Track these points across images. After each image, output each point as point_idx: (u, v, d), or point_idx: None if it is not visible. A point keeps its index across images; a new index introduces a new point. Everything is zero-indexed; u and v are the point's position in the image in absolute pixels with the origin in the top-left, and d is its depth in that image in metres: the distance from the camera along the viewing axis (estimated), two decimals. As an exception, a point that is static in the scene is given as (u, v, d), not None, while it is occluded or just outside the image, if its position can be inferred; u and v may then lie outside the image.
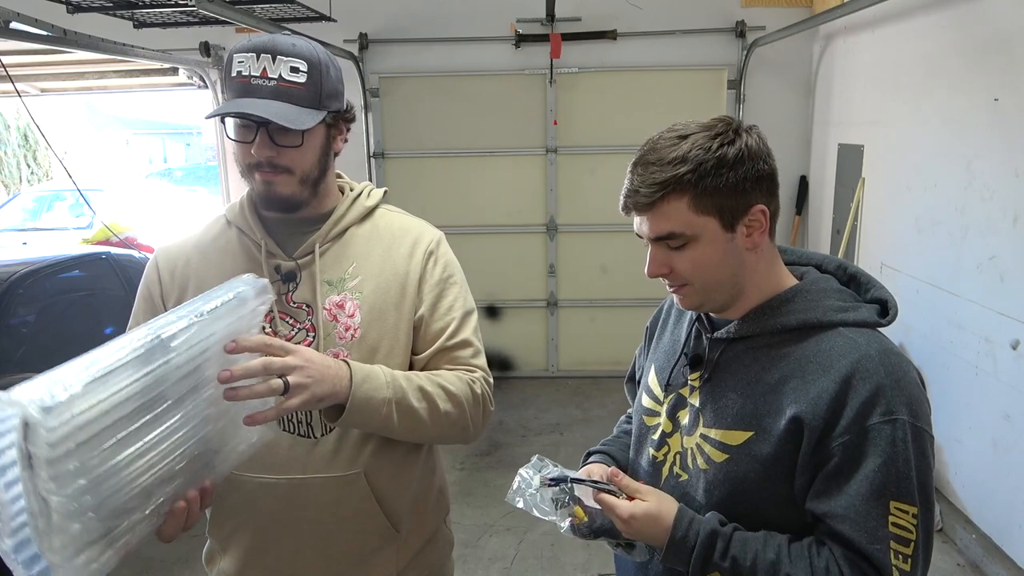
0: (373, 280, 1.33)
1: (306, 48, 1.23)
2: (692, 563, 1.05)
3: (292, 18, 4.44)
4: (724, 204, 1.04)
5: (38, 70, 5.66)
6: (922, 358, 3.76)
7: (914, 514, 0.98)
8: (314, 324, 1.30)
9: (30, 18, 3.21)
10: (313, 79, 1.22)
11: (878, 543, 0.97)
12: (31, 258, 3.77)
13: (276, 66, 1.20)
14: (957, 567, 3.17)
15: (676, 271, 1.08)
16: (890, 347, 1.05)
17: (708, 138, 1.04)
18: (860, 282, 1.17)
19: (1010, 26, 2.98)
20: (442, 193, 5.47)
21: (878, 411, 0.99)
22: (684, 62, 5.15)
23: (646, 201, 1.04)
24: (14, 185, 12.81)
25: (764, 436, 1.05)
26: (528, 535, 3.42)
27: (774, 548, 1.03)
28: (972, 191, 3.27)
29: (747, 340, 1.11)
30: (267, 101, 1.19)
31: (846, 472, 0.99)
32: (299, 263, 1.32)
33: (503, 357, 5.68)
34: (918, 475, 0.99)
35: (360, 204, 1.39)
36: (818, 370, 1.03)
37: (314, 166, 1.28)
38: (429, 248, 1.40)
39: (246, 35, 4.91)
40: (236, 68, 1.21)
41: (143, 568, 3.25)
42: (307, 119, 1.21)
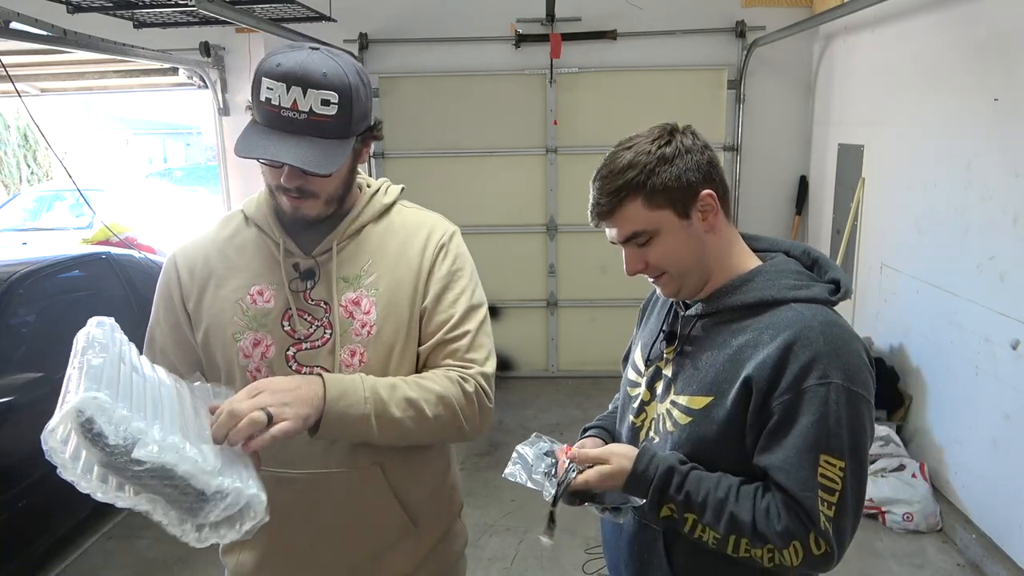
0: (388, 276, 1.34)
1: (337, 76, 1.20)
2: (650, 494, 1.18)
3: (292, 18, 4.44)
4: (673, 196, 1.18)
5: (38, 70, 5.66)
6: (922, 358, 3.77)
7: (841, 467, 1.09)
8: (331, 321, 1.31)
9: (30, 18, 3.22)
10: (344, 109, 1.20)
11: (808, 491, 1.09)
12: (31, 258, 3.76)
13: (307, 99, 1.17)
14: (957, 567, 3.17)
15: (651, 264, 1.23)
16: (834, 320, 1.17)
17: (648, 143, 1.19)
18: (821, 265, 1.29)
19: (1009, 26, 2.98)
20: (442, 193, 5.46)
21: (814, 375, 1.10)
22: (684, 62, 5.15)
23: (607, 209, 1.20)
24: (14, 185, 12.81)
25: (721, 400, 1.18)
26: (528, 535, 3.42)
27: (724, 488, 1.15)
28: (972, 191, 3.27)
29: (713, 316, 1.24)
30: (297, 140, 1.18)
31: (784, 428, 1.12)
32: (318, 260, 1.33)
33: (503, 357, 5.67)
34: (849, 434, 1.10)
35: (377, 202, 1.40)
36: (767, 339, 1.15)
37: (340, 187, 1.30)
38: (441, 242, 1.40)
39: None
40: (265, 94, 1.18)
41: (143, 568, 3.26)
42: (337, 155, 1.21)
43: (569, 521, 3.49)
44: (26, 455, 3.01)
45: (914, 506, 3.39)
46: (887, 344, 4.07)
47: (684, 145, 1.18)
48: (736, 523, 1.13)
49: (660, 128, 1.21)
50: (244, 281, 1.33)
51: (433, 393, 1.27)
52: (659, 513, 1.19)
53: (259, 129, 1.20)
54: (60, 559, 3.30)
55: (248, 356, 1.31)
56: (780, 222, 5.30)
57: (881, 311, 4.20)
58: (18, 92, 3.79)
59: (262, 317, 1.31)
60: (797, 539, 1.10)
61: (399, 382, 1.27)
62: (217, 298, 1.33)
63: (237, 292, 1.33)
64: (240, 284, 1.33)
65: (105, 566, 3.30)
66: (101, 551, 3.41)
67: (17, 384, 3.01)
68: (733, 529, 1.13)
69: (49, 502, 3.16)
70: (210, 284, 1.34)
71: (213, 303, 1.33)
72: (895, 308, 4.02)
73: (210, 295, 1.34)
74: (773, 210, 5.25)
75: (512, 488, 3.75)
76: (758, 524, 1.11)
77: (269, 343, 1.31)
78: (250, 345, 1.31)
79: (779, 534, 1.10)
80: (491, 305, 1.48)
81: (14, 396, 2.97)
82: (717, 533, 1.14)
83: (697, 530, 1.16)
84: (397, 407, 1.24)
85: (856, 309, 4.53)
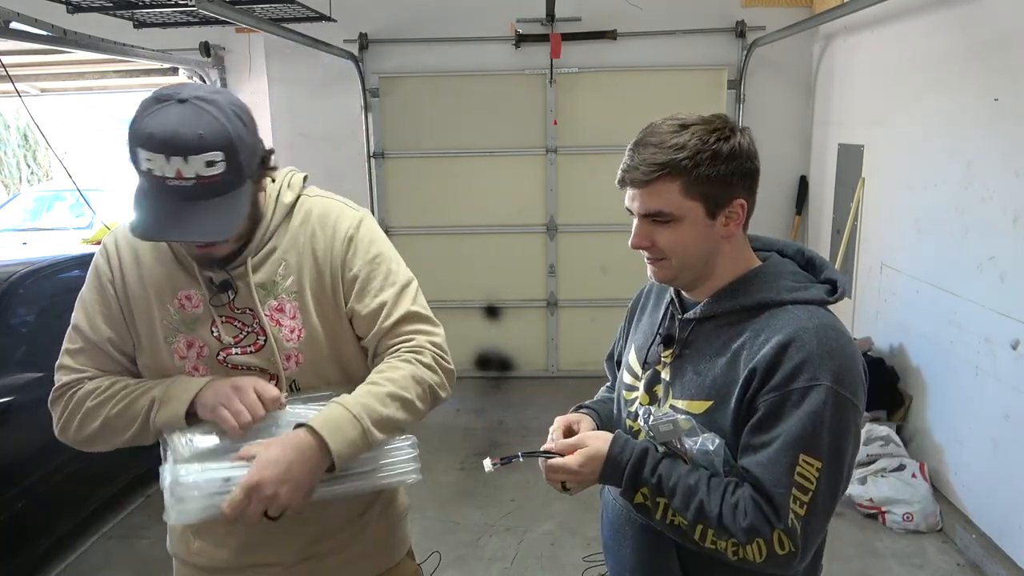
0: (306, 277, 1.34)
1: (215, 132, 1.12)
2: (624, 476, 1.19)
3: (292, 18, 4.44)
4: (711, 193, 1.16)
5: (38, 70, 5.67)
6: (922, 358, 3.76)
7: (818, 468, 1.09)
8: (262, 327, 1.31)
9: (30, 18, 3.21)
10: (231, 163, 1.14)
11: (781, 487, 1.10)
12: (31, 258, 3.76)
13: (190, 165, 1.11)
14: (957, 567, 3.17)
15: (657, 246, 1.20)
16: (830, 323, 1.17)
17: (707, 131, 1.15)
18: (815, 265, 1.29)
19: (1010, 26, 2.98)
20: (442, 193, 5.47)
21: (804, 376, 1.10)
22: (684, 62, 5.15)
23: (643, 178, 1.16)
24: (14, 185, 12.81)
25: (723, 405, 1.17)
26: (528, 535, 3.41)
27: (695, 476, 1.16)
28: (972, 191, 3.26)
29: (712, 319, 1.24)
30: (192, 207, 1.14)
31: (766, 426, 1.12)
32: (231, 274, 1.31)
33: (503, 357, 5.68)
34: (831, 435, 1.10)
35: (282, 203, 1.35)
36: (763, 341, 1.15)
37: (246, 224, 1.27)
38: (348, 234, 1.36)
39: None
40: (145, 165, 1.12)
41: (143, 568, 3.26)
42: (237, 209, 1.18)
43: (569, 520, 3.50)
44: (26, 455, 3.01)
45: (914, 506, 3.39)
46: (887, 344, 4.07)
47: (741, 147, 1.16)
48: (703, 513, 1.13)
49: (722, 120, 1.18)
50: (172, 284, 1.32)
51: (404, 379, 1.30)
52: (633, 498, 1.19)
53: (151, 203, 1.15)
54: (60, 559, 3.30)
55: (184, 357, 1.32)
56: (780, 222, 5.30)
57: (881, 311, 4.20)
58: (18, 92, 3.79)
59: (192, 322, 1.32)
60: (761, 537, 1.10)
61: (369, 386, 1.29)
62: (146, 298, 1.32)
63: (164, 295, 1.32)
64: (168, 287, 1.32)
65: (105, 566, 3.30)
66: (101, 551, 3.41)
67: (17, 384, 3.02)
68: (700, 518, 1.13)
69: (49, 502, 3.16)
70: (143, 281, 1.33)
71: (145, 306, 1.32)
72: (895, 308, 4.02)
73: (142, 293, 1.33)
74: (773, 210, 5.25)
75: (512, 488, 3.77)
76: (724, 518, 1.12)
77: (202, 344, 1.32)
78: (184, 347, 1.32)
79: (743, 530, 1.10)
80: (491, 305, 1.49)
81: (14, 396, 2.97)
82: (684, 520, 1.15)
83: (668, 515, 1.16)
84: (385, 405, 1.26)
85: (856, 309, 4.53)
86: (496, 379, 5.61)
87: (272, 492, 1.14)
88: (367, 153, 5.38)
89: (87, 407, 1.29)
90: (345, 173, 5.33)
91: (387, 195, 5.50)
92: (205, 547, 1.41)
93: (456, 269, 5.54)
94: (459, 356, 5.63)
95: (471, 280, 5.55)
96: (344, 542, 1.44)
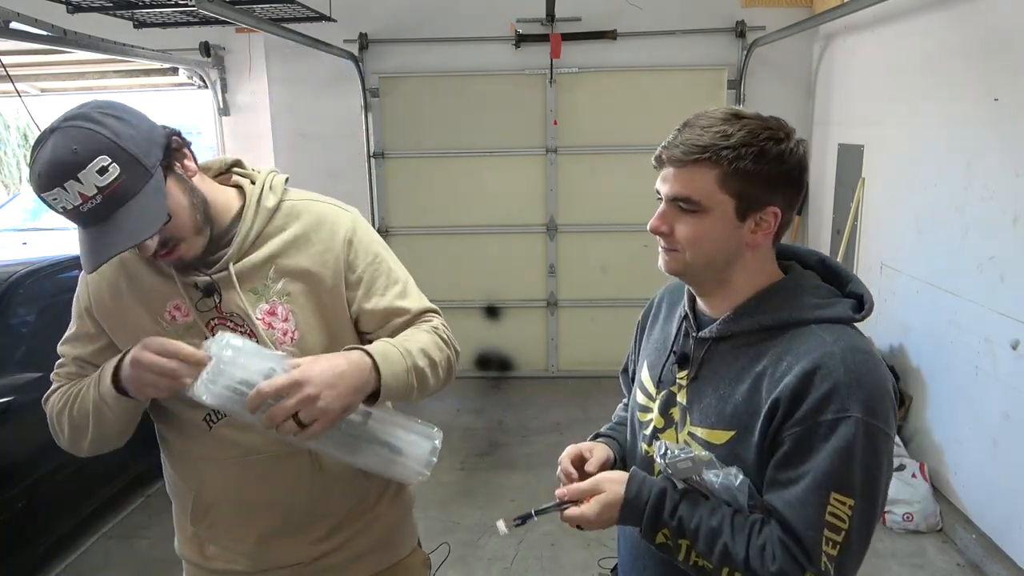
0: (298, 280, 1.33)
1: (87, 140, 1.09)
2: (644, 519, 1.13)
3: (292, 18, 4.44)
4: (746, 191, 1.09)
5: (38, 70, 5.67)
6: (922, 358, 3.76)
7: (851, 506, 1.03)
8: (253, 332, 1.30)
9: (30, 18, 3.21)
10: (124, 160, 1.11)
11: (812, 530, 1.03)
12: (31, 258, 3.76)
13: (86, 182, 1.08)
14: (957, 567, 3.17)
15: (675, 235, 1.12)
16: (858, 345, 1.09)
17: (760, 127, 1.08)
18: (840, 277, 1.20)
19: (1010, 26, 2.98)
20: (442, 193, 5.47)
21: (832, 408, 1.03)
22: (684, 62, 5.15)
23: (681, 157, 1.09)
24: (14, 185, 12.81)
25: (745, 435, 1.10)
26: (528, 535, 3.41)
27: (718, 517, 1.09)
28: (972, 191, 3.26)
29: (730, 339, 1.16)
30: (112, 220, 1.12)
31: (794, 462, 1.05)
32: (214, 278, 1.29)
33: (503, 357, 5.68)
34: (863, 470, 1.03)
35: (264, 207, 1.33)
36: (786, 367, 1.07)
37: (192, 212, 1.23)
38: (347, 236, 1.36)
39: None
40: (56, 205, 1.11)
41: (143, 568, 3.26)
42: (156, 200, 1.14)
43: (569, 521, 3.49)
44: (26, 455, 3.01)
45: (914, 506, 3.39)
46: (887, 344, 4.07)
47: (791, 154, 1.09)
48: (728, 556, 1.07)
49: (779, 123, 1.11)
50: (160, 297, 1.31)
51: (428, 343, 1.33)
52: (654, 539, 1.14)
53: (85, 235, 1.16)
54: (60, 559, 3.30)
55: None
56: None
57: (881, 311, 4.18)
58: (18, 92, 3.79)
59: (185, 331, 1.31)
60: None
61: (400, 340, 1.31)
62: (135, 316, 1.31)
63: (154, 309, 1.31)
64: (156, 301, 1.31)
65: (105, 566, 3.30)
66: (101, 551, 3.41)
67: (17, 384, 3.01)
68: (725, 561, 1.08)
69: (49, 502, 3.16)
70: (125, 302, 1.32)
71: (132, 321, 1.31)
72: (895, 308, 4.02)
73: (128, 313, 1.32)
74: (773, 210, 5.25)
75: (512, 488, 3.77)
76: (751, 561, 1.06)
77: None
78: None
79: (772, 575, 1.05)
80: (491, 305, 1.51)
81: (14, 396, 2.97)
82: (709, 563, 1.09)
83: (692, 556, 1.11)
84: (419, 358, 1.29)
85: (856, 309, 4.52)
86: (496, 379, 5.61)
87: (315, 392, 1.11)
88: (367, 153, 5.38)
89: (55, 416, 1.33)
90: (345, 173, 5.33)
91: (387, 195, 5.50)
92: (221, 552, 1.41)
93: (456, 269, 5.54)
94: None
95: (471, 280, 5.55)
96: (355, 536, 1.44)
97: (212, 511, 1.38)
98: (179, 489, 1.42)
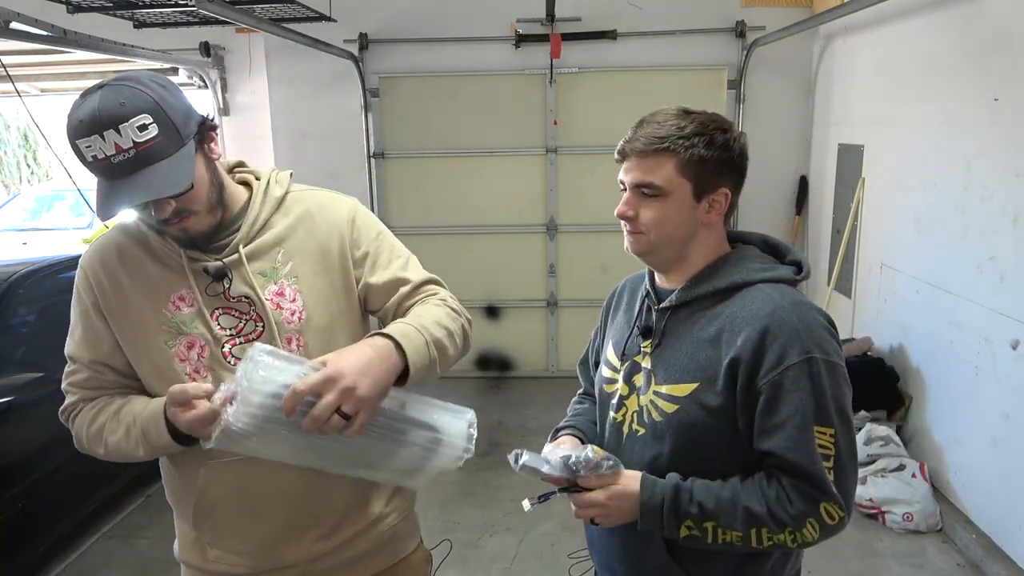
0: (305, 262, 1.37)
1: (136, 97, 1.17)
2: (665, 517, 1.21)
3: (292, 18, 4.44)
4: (701, 175, 1.24)
5: (38, 70, 5.67)
6: (922, 358, 3.76)
7: (832, 434, 1.17)
8: (260, 314, 1.33)
9: (30, 18, 3.22)
10: (162, 123, 1.18)
11: (816, 463, 1.16)
12: (31, 258, 3.76)
13: (124, 136, 1.14)
14: (957, 567, 3.17)
15: (639, 219, 1.27)
16: (800, 299, 1.24)
17: (709, 120, 1.25)
18: (780, 250, 1.36)
19: (1010, 26, 2.98)
20: (442, 193, 5.47)
21: (794, 352, 1.17)
22: (684, 62, 5.15)
23: (642, 148, 1.24)
24: (14, 185, 12.81)
25: (709, 385, 1.23)
26: (528, 535, 3.42)
27: (729, 487, 1.21)
28: (972, 191, 3.27)
29: (687, 306, 1.30)
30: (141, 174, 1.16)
31: (776, 407, 1.18)
32: (226, 262, 1.33)
33: (503, 357, 5.68)
34: (834, 401, 1.18)
35: (271, 196, 1.39)
36: (743, 322, 1.21)
37: (211, 191, 1.28)
38: (350, 216, 1.43)
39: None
40: (88, 154, 1.16)
41: (143, 568, 3.26)
42: (184, 166, 1.20)
43: (569, 521, 3.49)
44: (26, 455, 3.01)
45: (914, 506, 3.39)
46: (887, 344, 4.07)
47: (736, 143, 1.26)
48: (752, 515, 1.18)
49: (723, 118, 1.28)
50: (163, 289, 1.33)
51: (442, 313, 1.36)
52: (679, 533, 1.22)
53: (106, 186, 1.19)
54: (60, 559, 3.30)
55: (184, 359, 1.32)
56: (780, 222, 5.30)
57: (881, 311, 4.20)
58: (18, 92, 3.79)
59: (190, 321, 1.32)
60: (811, 516, 1.17)
61: (412, 316, 1.33)
62: (137, 309, 1.32)
63: (158, 301, 1.32)
64: (159, 292, 1.33)
65: (105, 566, 3.30)
66: (101, 551, 3.41)
67: (17, 384, 3.01)
68: (752, 522, 1.18)
69: (49, 502, 3.16)
70: (126, 294, 1.33)
71: (135, 315, 1.33)
72: (895, 308, 4.02)
73: (130, 306, 1.33)
74: (773, 210, 5.25)
75: (512, 488, 3.77)
76: (773, 511, 1.17)
77: (203, 344, 1.32)
78: (184, 349, 1.32)
79: (794, 517, 1.17)
80: (491, 305, 1.53)
81: (14, 396, 2.96)
82: (737, 531, 1.19)
83: (719, 535, 1.20)
84: (435, 330, 1.31)
85: (856, 309, 4.53)
86: (496, 379, 5.61)
87: (352, 383, 1.12)
88: (367, 153, 5.38)
89: (89, 434, 1.35)
90: (345, 173, 5.33)
91: (387, 195, 5.50)
92: (223, 555, 1.41)
93: (456, 269, 5.53)
94: (459, 356, 5.67)
95: (471, 280, 5.55)
96: (358, 536, 1.44)
97: (214, 513, 1.38)
98: (180, 493, 1.42)
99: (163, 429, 1.26)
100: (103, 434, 1.33)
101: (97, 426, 1.33)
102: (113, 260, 1.35)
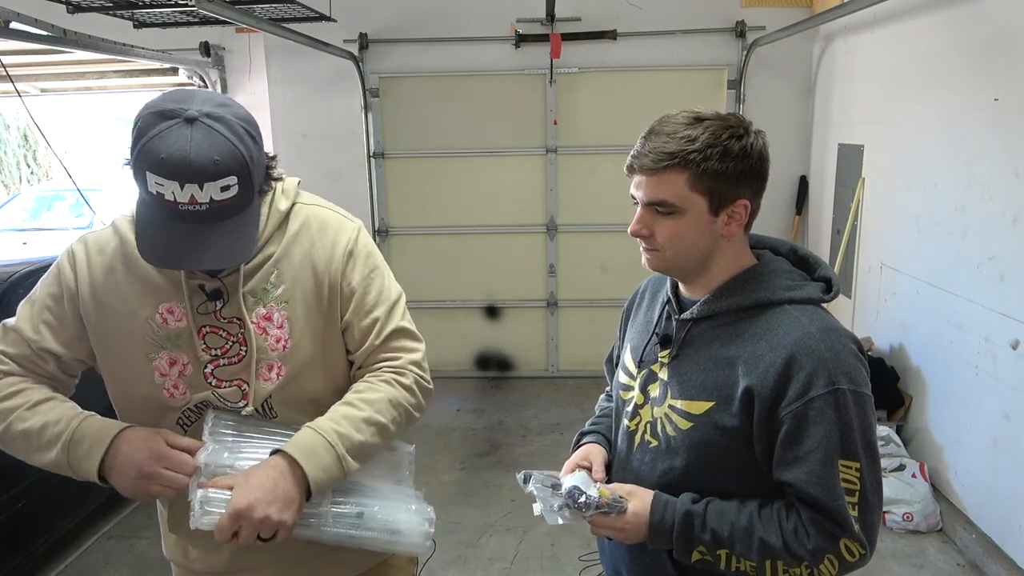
0: (298, 287, 1.32)
1: (229, 155, 1.11)
2: (674, 540, 1.19)
3: (292, 18, 4.44)
4: (716, 189, 1.16)
5: (38, 70, 5.66)
6: (922, 358, 3.76)
7: (857, 468, 1.12)
8: (245, 338, 1.29)
9: (30, 18, 3.21)
10: (245, 184, 1.14)
11: (839, 499, 1.11)
12: (31, 258, 3.76)
13: (205, 192, 1.10)
14: (957, 567, 3.17)
15: (655, 236, 1.20)
16: (830, 324, 1.18)
17: (721, 127, 1.16)
18: (809, 263, 1.29)
19: (1010, 26, 2.98)
20: (442, 193, 5.47)
21: (820, 382, 1.11)
22: (684, 62, 5.15)
23: (651, 166, 1.16)
24: (14, 185, 12.80)
25: (723, 406, 1.18)
26: (528, 535, 3.41)
27: (746, 515, 1.17)
28: (972, 191, 3.27)
29: (709, 320, 1.24)
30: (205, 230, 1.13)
31: (798, 438, 1.13)
32: (224, 281, 1.28)
33: (503, 357, 5.68)
34: (861, 434, 1.12)
35: (276, 210, 1.32)
36: (767, 347, 1.16)
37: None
38: (348, 247, 1.36)
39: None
40: (156, 189, 1.09)
41: (143, 568, 3.26)
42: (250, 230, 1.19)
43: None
44: (26, 455, 3.01)
45: (914, 506, 3.39)
46: (887, 344, 4.07)
47: (752, 148, 1.17)
48: (768, 548, 1.14)
49: (738, 119, 1.19)
50: (152, 299, 1.28)
51: (381, 402, 1.30)
52: (690, 558, 1.19)
53: (162, 227, 1.14)
54: (60, 559, 3.31)
55: (164, 375, 1.29)
56: (780, 222, 5.30)
57: (881, 311, 4.20)
58: (18, 92, 3.79)
59: (175, 337, 1.29)
60: (830, 553, 1.12)
61: (346, 408, 1.29)
62: (123, 315, 1.28)
63: (145, 310, 1.28)
64: (148, 302, 1.28)
65: (105, 566, 3.30)
66: (101, 551, 3.41)
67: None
68: (766, 554, 1.14)
69: (49, 502, 3.16)
70: (120, 291, 1.29)
71: (120, 321, 1.29)
72: (895, 308, 4.02)
73: (115, 312, 1.29)
74: (773, 210, 5.25)
75: (512, 488, 3.76)
76: (790, 545, 1.13)
77: (186, 361, 1.29)
78: (166, 364, 1.29)
79: (811, 552, 1.12)
80: (491, 305, 1.50)
81: (14, 396, 2.96)
82: (752, 561, 1.15)
83: (733, 563, 1.17)
84: (359, 432, 1.26)
85: (856, 309, 4.53)
86: (496, 379, 5.61)
87: (261, 514, 1.15)
88: (367, 153, 5.38)
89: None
90: (345, 173, 5.34)
91: (387, 195, 5.50)
92: (202, 554, 1.41)
93: (456, 269, 5.54)
94: (459, 356, 5.69)
95: (471, 280, 5.55)
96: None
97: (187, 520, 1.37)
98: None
99: (98, 456, 1.22)
100: (9, 416, 1.26)
101: (7, 405, 1.26)
102: (115, 252, 1.30)
